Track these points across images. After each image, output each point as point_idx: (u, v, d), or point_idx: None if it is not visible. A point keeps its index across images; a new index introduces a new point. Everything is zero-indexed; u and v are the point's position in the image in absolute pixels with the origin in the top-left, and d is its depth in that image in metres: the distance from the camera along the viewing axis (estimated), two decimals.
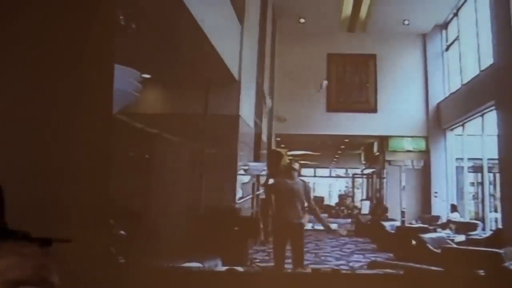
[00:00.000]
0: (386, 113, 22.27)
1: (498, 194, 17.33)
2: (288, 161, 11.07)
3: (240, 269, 8.06)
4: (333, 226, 26.72)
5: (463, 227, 16.53)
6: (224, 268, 8.50)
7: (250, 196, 15.61)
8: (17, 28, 4.96)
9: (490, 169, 18.10)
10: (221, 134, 13.32)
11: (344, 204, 33.06)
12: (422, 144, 22.83)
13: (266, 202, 11.88)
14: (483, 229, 17.19)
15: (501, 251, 10.02)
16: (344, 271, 12.00)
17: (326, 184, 36.79)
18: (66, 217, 4.70)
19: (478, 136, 18.35)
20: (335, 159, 34.38)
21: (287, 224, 10.44)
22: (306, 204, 10.76)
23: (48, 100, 4.99)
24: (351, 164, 34.10)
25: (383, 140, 24.12)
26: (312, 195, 10.96)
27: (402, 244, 14.27)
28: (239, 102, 13.73)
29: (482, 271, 6.90)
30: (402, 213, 22.37)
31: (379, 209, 23.90)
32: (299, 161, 29.91)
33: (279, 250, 10.69)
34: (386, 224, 18.09)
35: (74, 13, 5.14)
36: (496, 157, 15.77)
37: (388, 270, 9.16)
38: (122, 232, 7.36)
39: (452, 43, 21.68)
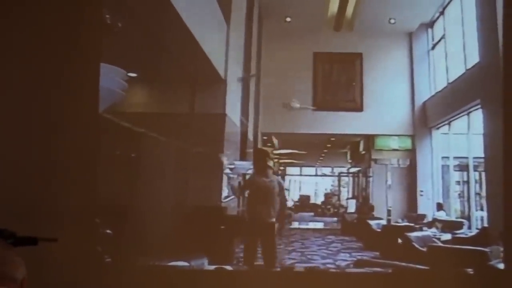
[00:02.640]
0: (372, 112, 22.30)
1: (484, 193, 17.41)
2: (265, 159, 10.98)
3: (228, 267, 8.06)
4: (319, 225, 26.82)
5: (449, 226, 16.56)
6: (212, 267, 8.48)
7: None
8: (2, 27, 4.93)
9: (476, 168, 18.18)
10: (208, 133, 13.32)
11: (330, 202, 33.08)
12: (408, 143, 22.87)
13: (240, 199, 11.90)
14: (469, 227, 17.26)
15: (487, 249, 10.06)
16: (333, 270, 12.01)
17: (312, 182, 36.78)
18: (52, 216, 4.69)
19: (464, 135, 18.42)
20: (321, 158, 34.39)
21: (259, 223, 10.40)
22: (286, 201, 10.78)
23: (34, 99, 4.97)
24: (337, 162, 34.12)
25: (369, 139, 24.13)
26: (286, 192, 10.91)
27: (388, 242, 14.31)
28: (225, 100, 13.74)
29: (468, 269, 6.92)
30: (388, 211, 22.39)
31: (365, 207, 23.92)
32: (285, 160, 30.01)
33: (250, 249, 10.65)
34: (372, 223, 18.12)
35: (61, 12, 5.12)
36: (482, 155, 15.85)
37: (375, 269, 9.17)
38: (108, 231, 7.35)
39: (438, 41, 21.74)
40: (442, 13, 21.14)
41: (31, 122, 4.97)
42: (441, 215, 18.86)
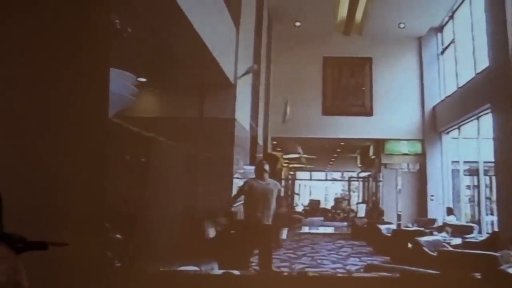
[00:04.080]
0: (382, 116, 22.30)
1: (494, 197, 17.34)
2: (262, 162, 10.97)
3: (236, 272, 8.05)
4: (329, 229, 26.80)
5: (459, 230, 16.49)
6: (220, 272, 8.47)
7: None
8: (11, 31, 4.94)
9: (486, 172, 18.10)
10: (217, 137, 13.32)
11: (340, 207, 33.05)
12: (418, 147, 22.86)
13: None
14: (479, 232, 17.18)
15: (497, 254, 10.01)
16: (340, 274, 11.97)
17: (322, 187, 36.79)
18: (62, 221, 4.69)
19: (474, 139, 18.36)
20: (331, 163, 34.36)
21: (255, 225, 10.38)
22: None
23: (43, 104, 4.98)
24: (347, 167, 34.10)
25: (379, 143, 24.15)
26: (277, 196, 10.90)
27: (398, 247, 14.26)
28: (235, 105, 13.73)
29: (478, 274, 6.89)
30: (398, 216, 22.37)
31: (375, 212, 23.93)
32: (295, 164, 30.02)
33: (246, 252, 10.62)
34: (382, 227, 18.08)
35: (70, 16, 5.12)
36: (492, 160, 15.79)
37: (385, 273, 9.15)
38: (118, 235, 7.34)
39: (448, 46, 21.71)
40: (451, 17, 21.12)
41: (41, 127, 4.97)
42: (451, 219, 18.78)
